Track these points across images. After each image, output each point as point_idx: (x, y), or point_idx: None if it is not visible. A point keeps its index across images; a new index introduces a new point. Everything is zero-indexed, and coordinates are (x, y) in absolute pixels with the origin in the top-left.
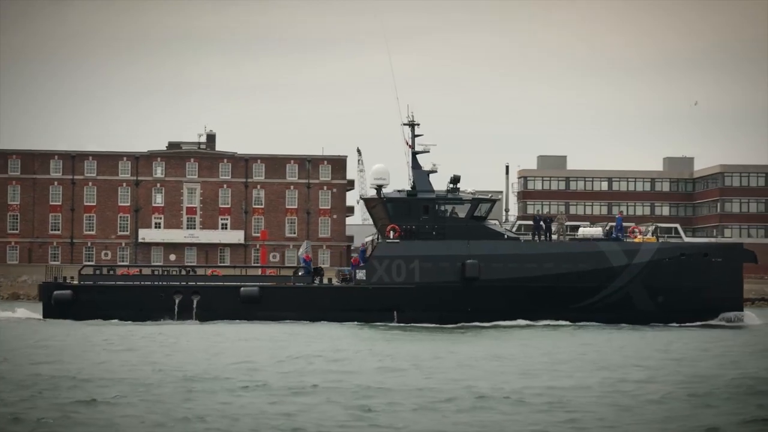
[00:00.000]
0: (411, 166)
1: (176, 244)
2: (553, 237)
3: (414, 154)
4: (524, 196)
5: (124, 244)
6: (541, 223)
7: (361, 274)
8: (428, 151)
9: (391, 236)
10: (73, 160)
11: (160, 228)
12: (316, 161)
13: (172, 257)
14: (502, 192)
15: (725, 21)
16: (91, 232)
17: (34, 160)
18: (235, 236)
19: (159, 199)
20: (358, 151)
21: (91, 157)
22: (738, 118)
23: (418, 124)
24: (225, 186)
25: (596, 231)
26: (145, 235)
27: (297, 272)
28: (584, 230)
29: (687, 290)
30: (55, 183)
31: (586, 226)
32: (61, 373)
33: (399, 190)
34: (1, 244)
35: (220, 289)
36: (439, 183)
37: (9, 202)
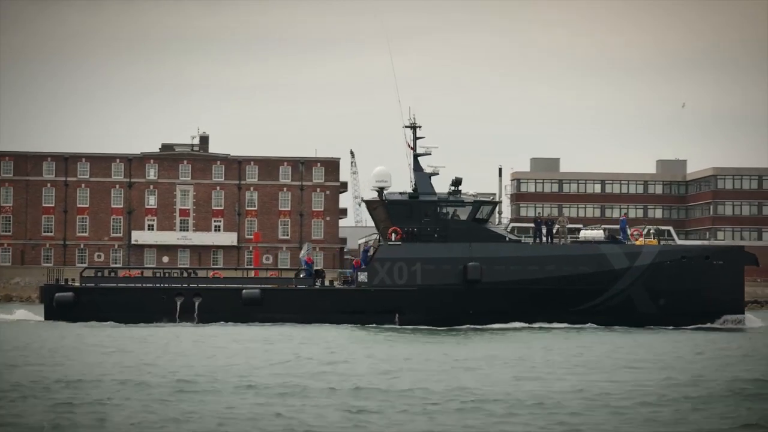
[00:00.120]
0: (412, 169)
1: (169, 246)
2: (554, 239)
3: (416, 157)
4: (517, 198)
5: (117, 246)
6: (543, 226)
7: (362, 277)
8: (430, 154)
9: (393, 238)
10: (66, 162)
11: (153, 230)
12: (309, 163)
13: (165, 259)
14: (495, 194)
15: (720, 23)
16: (84, 234)
17: (27, 161)
18: (228, 238)
19: (152, 201)
20: (351, 153)
21: (84, 159)
22: (731, 121)
23: (420, 127)
24: (218, 188)
25: (597, 234)
26: (138, 237)
27: (298, 274)
28: (585, 233)
29: (688, 293)
30: (48, 185)
31: (588, 229)
32: (55, 376)
33: (401, 193)
34: None
35: (222, 291)
36: (439, 185)
37: (2, 204)
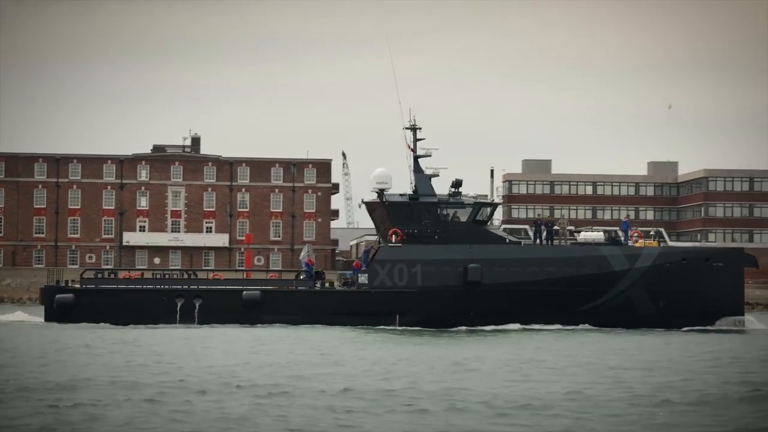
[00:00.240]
0: (413, 170)
1: (161, 248)
2: (554, 241)
3: (416, 158)
4: (509, 200)
5: (108, 248)
6: (543, 227)
7: (363, 278)
8: (430, 155)
9: (393, 240)
10: (58, 163)
11: (144, 231)
12: (300, 165)
13: (157, 260)
14: (486, 195)
15: (713, 25)
16: (76, 236)
17: (18, 163)
18: (219, 239)
19: (144, 203)
20: (343, 155)
21: (75, 160)
22: (722, 124)
23: (420, 128)
24: (210, 189)
25: (597, 235)
26: (130, 239)
27: (299, 276)
28: (585, 234)
29: (688, 294)
30: (40, 186)
31: (588, 230)
32: (47, 378)
33: (401, 194)
34: None
35: (222, 293)
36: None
37: None
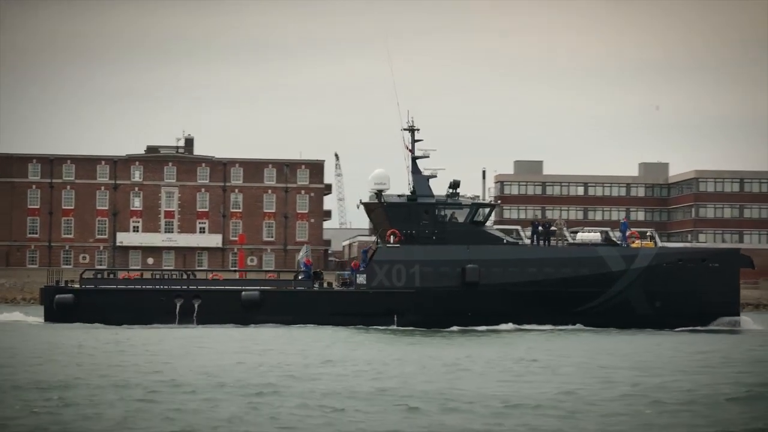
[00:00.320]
0: (411, 171)
1: (154, 248)
2: (551, 242)
3: (414, 159)
4: (501, 201)
5: (102, 248)
6: (540, 228)
7: (361, 279)
8: (428, 156)
9: (392, 241)
10: (51, 163)
11: (138, 232)
12: (293, 165)
13: (150, 261)
14: (478, 196)
15: (704, 28)
16: (69, 236)
17: (12, 163)
18: (212, 240)
19: (137, 203)
20: (336, 156)
21: (69, 161)
22: (712, 125)
23: (418, 129)
24: (203, 190)
25: (594, 236)
26: (123, 239)
27: (297, 276)
28: (582, 235)
29: (684, 295)
30: (33, 186)
31: (585, 231)
32: (37, 378)
33: (399, 195)
34: None
35: (222, 293)
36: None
37: None
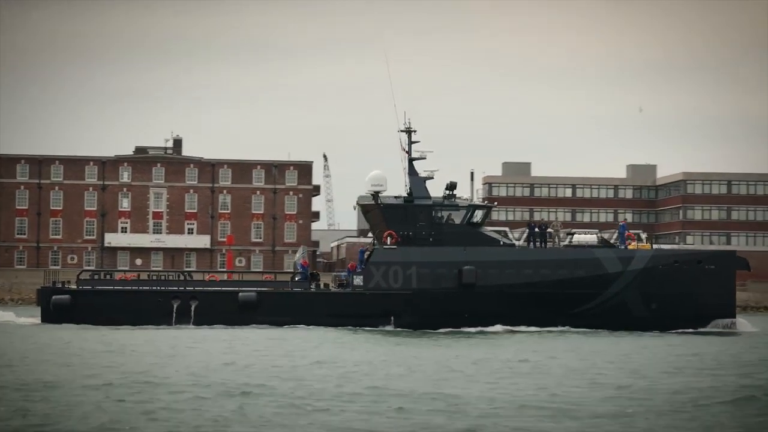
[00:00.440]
0: (407, 173)
1: (142, 249)
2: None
3: (410, 161)
4: (489, 202)
5: (90, 249)
6: (536, 230)
7: (358, 280)
8: (425, 158)
9: (389, 242)
10: (40, 164)
11: (126, 232)
12: (282, 167)
13: (138, 262)
14: (468, 198)
15: (691, 30)
16: (58, 237)
17: (0, 164)
18: (201, 241)
19: (125, 204)
20: (324, 157)
21: (57, 162)
22: (700, 126)
23: (415, 131)
24: (191, 191)
25: (591, 238)
26: (112, 240)
27: (294, 278)
28: (579, 237)
29: (680, 297)
30: (22, 187)
31: (582, 233)
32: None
33: (396, 196)
34: None
35: (218, 294)
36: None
37: None
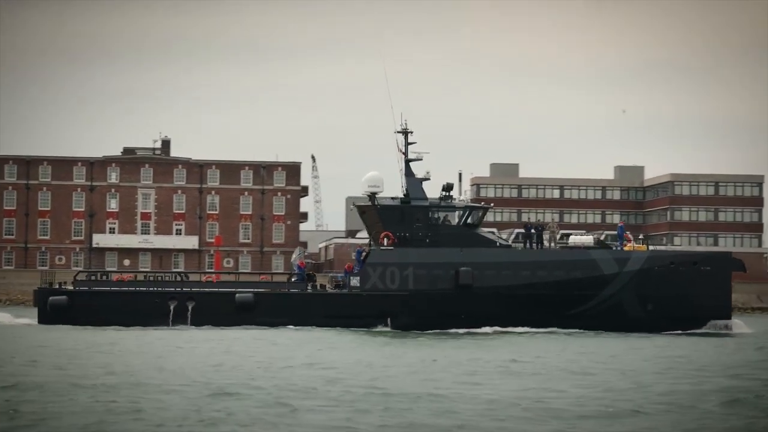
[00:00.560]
0: (404, 174)
1: (130, 250)
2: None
3: (407, 162)
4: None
5: (78, 249)
6: (533, 231)
7: (355, 281)
8: (421, 159)
9: (385, 243)
10: (28, 165)
11: (114, 233)
12: (270, 167)
13: (126, 262)
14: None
15: (679, 32)
16: (46, 237)
17: None
18: (189, 242)
19: (113, 205)
20: (312, 158)
21: (45, 162)
22: (688, 128)
23: (411, 132)
24: (179, 192)
25: (587, 239)
26: (100, 240)
27: (291, 279)
28: (575, 238)
29: (676, 298)
30: (10, 188)
31: (578, 234)
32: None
33: (393, 198)
34: None
35: (215, 295)
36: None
37: None
